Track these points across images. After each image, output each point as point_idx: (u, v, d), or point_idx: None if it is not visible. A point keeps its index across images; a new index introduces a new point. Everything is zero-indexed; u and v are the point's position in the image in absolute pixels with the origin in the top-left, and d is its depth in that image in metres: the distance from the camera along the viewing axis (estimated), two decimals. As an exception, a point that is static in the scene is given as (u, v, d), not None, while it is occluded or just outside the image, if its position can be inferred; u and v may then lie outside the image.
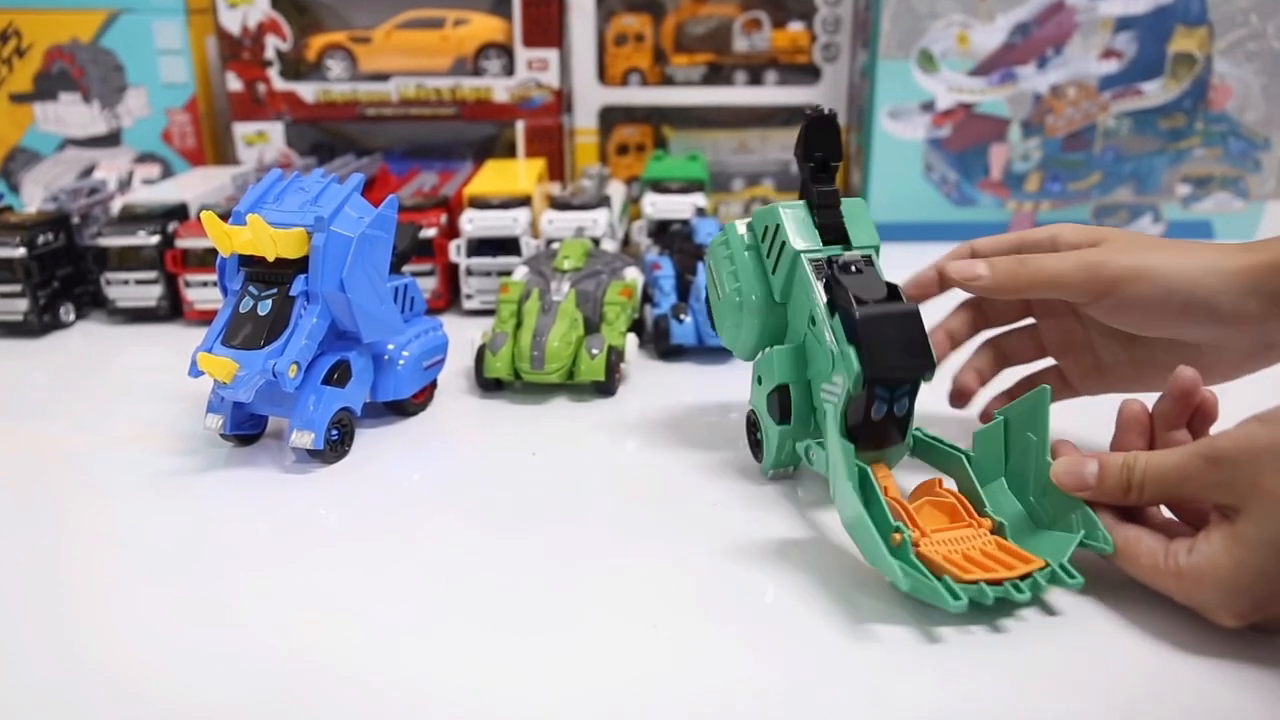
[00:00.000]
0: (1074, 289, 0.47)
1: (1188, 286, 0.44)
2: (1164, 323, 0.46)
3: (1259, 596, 0.36)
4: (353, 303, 0.54)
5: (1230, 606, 0.37)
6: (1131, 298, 0.46)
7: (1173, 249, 0.46)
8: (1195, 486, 0.38)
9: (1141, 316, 0.46)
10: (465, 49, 1.06)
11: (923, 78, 1.00)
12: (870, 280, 0.47)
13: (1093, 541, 0.41)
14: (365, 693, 0.37)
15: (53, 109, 1.06)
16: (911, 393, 0.47)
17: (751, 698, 0.37)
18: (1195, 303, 0.44)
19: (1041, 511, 0.44)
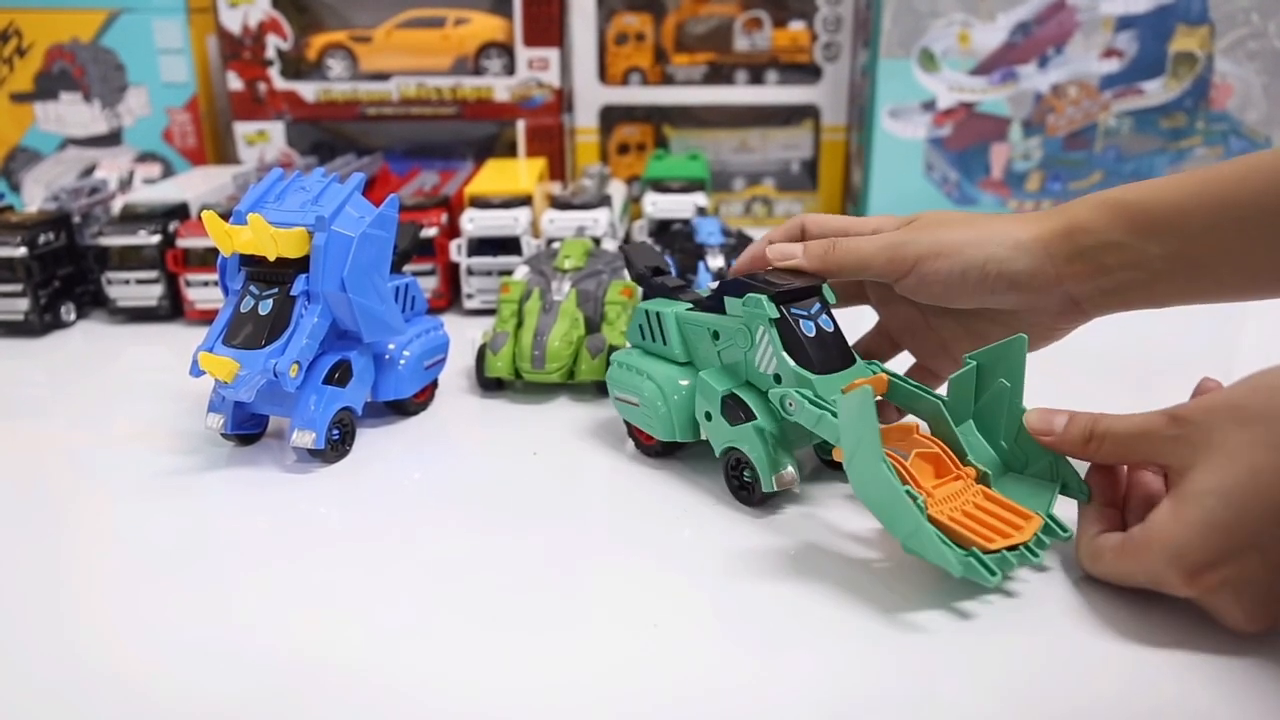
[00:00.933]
0: (879, 269, 0.50)
1: (981, 259, 0.47)
2: (966, 295, 0.49)
3: (1209, 550, 0.36)
4: (354, 302, 0.54)
5: (1178, 565, 0.37)
6: (931, 274, 0.48)
7: (970, 224, 0.49)
8: (1154, 443, 0.40)
9: (944, 290, 0.49)
10: (466, 48, 1.06)
11: (924, 77, 1.00)
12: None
13: (1070, 490, 0.44)
14: (365, 691, 0.37)
15: (53, 108, 1.06)
16: (825, 310, 0.50)
17: (752, 696, 0.37)
18: (990, 273, 0.47)
19: (1013, 457, 0.46)
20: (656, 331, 0.54)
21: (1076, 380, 0.55)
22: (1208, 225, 0.43)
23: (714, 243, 0.77)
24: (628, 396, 0.54)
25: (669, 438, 0.53)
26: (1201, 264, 0.45)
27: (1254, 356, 0.74)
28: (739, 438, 0.49)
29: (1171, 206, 0.44)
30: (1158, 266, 0.45)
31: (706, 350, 0.52)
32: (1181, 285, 0.46)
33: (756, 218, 1.17)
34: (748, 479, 0.49)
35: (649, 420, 0.53)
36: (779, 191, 1.16)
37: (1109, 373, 0.69)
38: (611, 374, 0.56)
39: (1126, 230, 0.45)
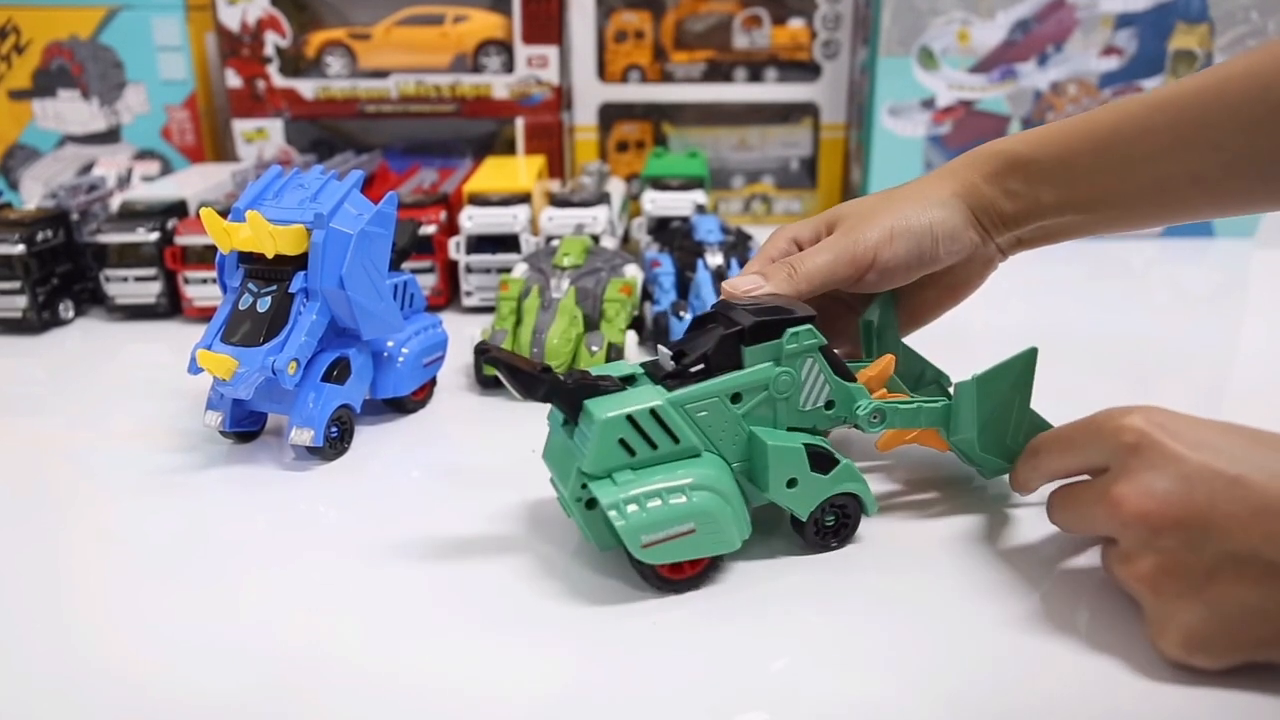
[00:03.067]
0: (843, 275, 0.50)
1: (926, 225, 0.49)
2: (923, 266, 0.50)
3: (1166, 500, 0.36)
4: (352, 300, 0.54)
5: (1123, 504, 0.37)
6: (891, 259, 0.49)
7: (893, 200, 0.50)
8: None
9: (904, 270, 0.50)
10: (465, 46, 1.06)
11: (923, 75, 1.00)
12: (695, 350, 0.45)
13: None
14: (363, 689, 0.37)
15: (52, 105, 1.06)
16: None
17: (751, 695, 0.37)
18: (939, 235, 0.49)
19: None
20: (655, 435, 0.42)
21: (1076, 381, 0.55)
22: (1087, 169, 0.47)
23: (713, 240, 0.77)
24: (672, 532, 0.41)
25: (741, 542, 0.43)
26: (1088, 206, 0.48)
27: (1254, 356, 0.74)
28: (842, 480, 0.44)
29: (1054, 156, 0.48)
30: (1052, 213, 0.49)
31: (724, 421, 0.43)
32: (1076, 227, 0.50)
33: (755, 215, 1.17)
34: (830, 524, 0.45)
35: (712, 540, 0.42)
36: (778, 189, 1.16)
37: (1109, 373, 0.69)
38: (627, 522, 0.40)
39: (1018, 180, 0.49)
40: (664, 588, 0.43)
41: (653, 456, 0.42)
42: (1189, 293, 0.90)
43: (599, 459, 0.42)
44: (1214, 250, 1.00)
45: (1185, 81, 0.46)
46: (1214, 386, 0.68)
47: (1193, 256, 0.98)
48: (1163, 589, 0.36)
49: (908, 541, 0.47)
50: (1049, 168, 0.48)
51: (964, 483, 0.52)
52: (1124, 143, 0.46)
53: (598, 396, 0.43)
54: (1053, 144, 0.48)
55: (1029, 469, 0.44)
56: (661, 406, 0.42)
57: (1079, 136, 0.47)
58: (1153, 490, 0.35)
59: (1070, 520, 0.42)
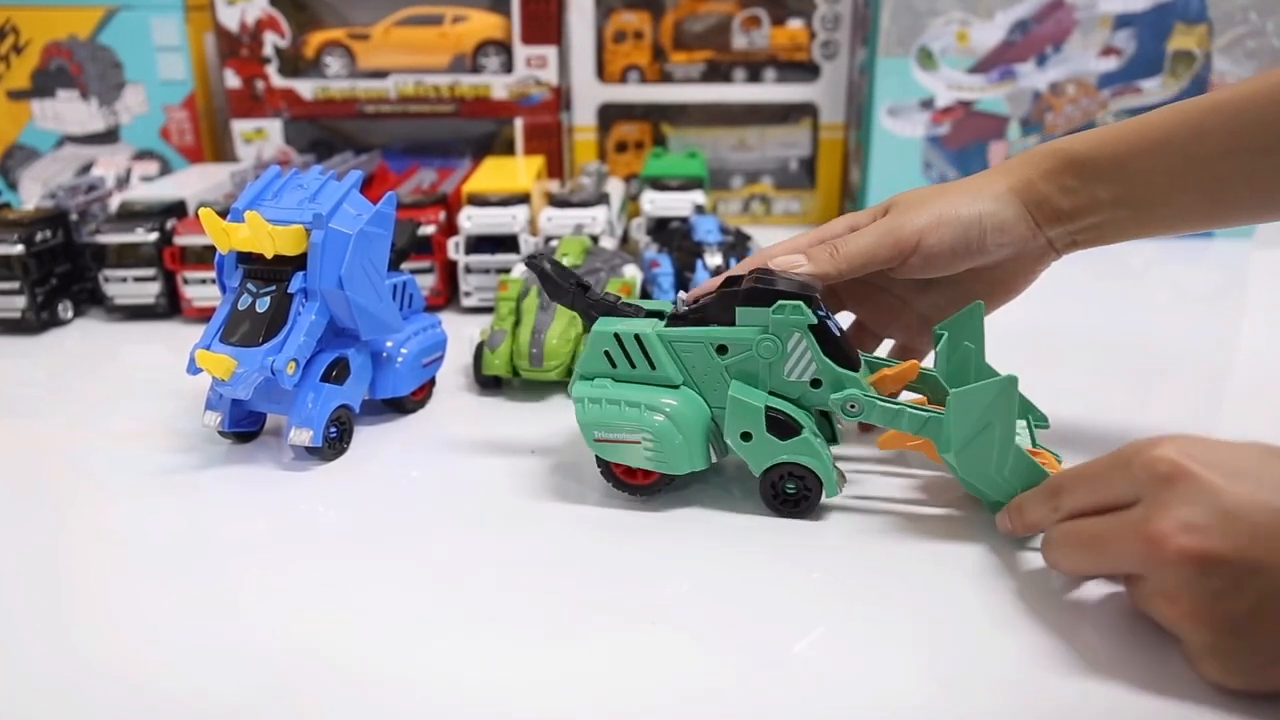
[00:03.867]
0: (884, 257, 0.50)
1: (976, 216, 0.49)
2: (969, 257, 0.50)
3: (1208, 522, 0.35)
4: (351, 300, 0.54)
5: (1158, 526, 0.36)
6: (936, 245, 0.50)
7: (947, 191, 0.51)
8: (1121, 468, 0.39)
9: (949, 259, 0.50)
10: (464, 46, 1.06)
11: (922, 75, 1.00)
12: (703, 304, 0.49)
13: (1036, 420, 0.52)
14: (362, 689, 0.37)
15: (51, 106, 1.06)
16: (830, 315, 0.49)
17: (752, 695, 0.37)
18: (988, 227, 0.49)
19: None
20: (636, 356, 0.49)
21: (1076, 380, 0.55)
22: (1144, 169, 0.48)
23: (712, 241, 0.77)
24: (621, 436, 0.48)
25: (688, 470, 0.48)
26: (1143, 204, 0.49)
27: (1253, 356, 0.74)
28: (795, 451, 0.47)
29: (1110, 155, 0.48)
30: (1107, 210, 0.49)
31: (707, 367, 0.48)
32: (1130, 225, 0.50)
33: (755, 216, 1.17)
34: (791, 491, 0.48)
35: (659, 458, 0.48)
36: (777, 190, 1.16)
37: (1108, 373, 0.69)
38: (587, 414, 0.48)
39: (1075, 177, 0.49)
40: (621, 488, 0.50)
41: (632, 375, 0.49)
42: (1188, 293, 0.90)
43: (587, 362, 0.50)
44: (1213, 251, 1.00)
45: (1240, 85, 0.47)
46: (1213, 386, 0.68)
47: (1192, 257, 0.98)
48: (1208, 625, 0.35)
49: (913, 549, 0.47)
50: (1105, 166, 0.48)
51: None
52: (1179, 144, 0.47)
53: (611, 316, 0.50)
54: (1109, 143, 0.49)
55: (1046, 509, 0.42)
56: (647, 335, 0.48)
57: (1136, 137, 0.48)
58: (1193, 526, 0.34)
59: (1083, 560, 0.40)
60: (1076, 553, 0.40)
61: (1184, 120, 0.47)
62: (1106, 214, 0.49)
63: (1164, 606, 0.36)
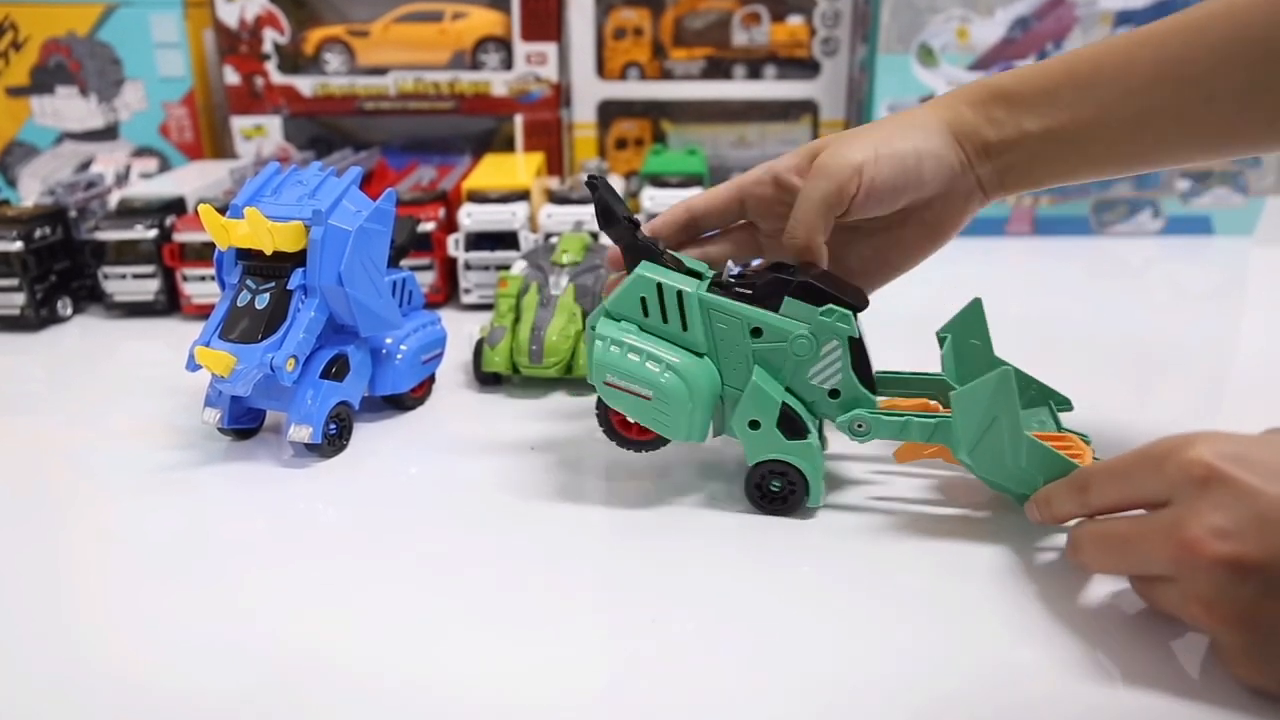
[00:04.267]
0: (835, 203, 0.48)
1: (911, 148, 0.48)
2: (907, 190, 0.49)
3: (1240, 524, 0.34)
4: (351, 297, 0.54)
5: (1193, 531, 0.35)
6: (877, 179, 0.48)
7: (879, 126, 0.50)
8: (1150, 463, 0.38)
9: (890, 193, 0.49)
10: (463, 42, 1.06)
11: (922, 72, 1.00)
12: (753, 277, 0.49)
13: (1059, 404, 0.51)
14: (362, 686, 0.37)
15: (50, 102, 1.06)
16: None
17: (751, 694, 0.37)
18: (924, 157, 0.48)
19: None
20: (672, 311, 0.47)
21: (1076, 379, 0.54)
22: (1071, 100, 0.47)
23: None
24: (631, 386, 0.47)
25: (684, 439, 0.48)
26: (1071, 138, 0.48)
27: (1253, 354, 0.74)
28: (794, 453, 0.47)
29: (1038, 87, 0.48)
30: (1034, 143, 0.48)
31: (736, 344, 0.47)
32: (1058, 161, 0.49)
33: (755, 213, 1.16)
34: (775, 489, 0.48)
35: (660, 419, 0.47)
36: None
37: (1108, 371, 0.69)
38: (603, 355, 0.47)
39: (1003, 108, 0.49)
40: (611, 437, 0.50)
41: (660, 329, 0.48)
42: (1188, 290, 0.90)
43: (620, 302, 0.48)
44: (1213, 248, 1.00)
45: (1168, 19, 0.46)
46: (1213, 384, 0.68)
47: (1192, 254, 0.98)
48: (1243, 629, 0.34)
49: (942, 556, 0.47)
50: (1032, 97, 0.48)
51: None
52: (1106, 76, 0.46)
53: (654, 262, 0.48)
54: (1037, 76, 0.48)
55: (1074, 504, 0.42)
56: (690, 295, 0.47)
57: (1063, 69, 0.48)
58: (1227, 532, 0.33)
59: (1111, 561, 0.40)
60: (1105, 554, 0.40)
61: (1112, 52, 0.47)
62: (1034, 147, 0.48)
63: (1198, 611, 0.35)
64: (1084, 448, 0.48)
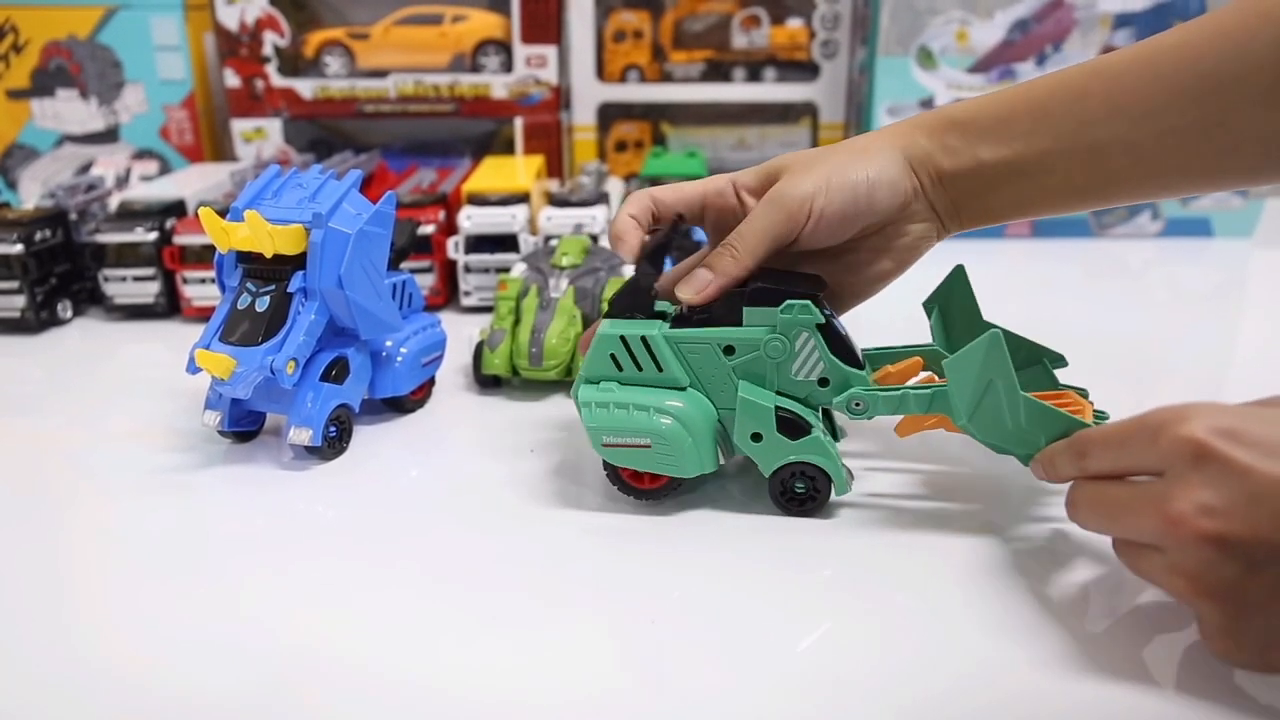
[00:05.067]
0: (782, 234, 0.48)
1: (863, 175, 0.48)
2: (859, 219, 0.49)
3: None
4: (351, 299, 0.54)
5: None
6: (827, 209, 0.48)
7: (833, 152, 0.50)
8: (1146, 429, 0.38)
9: (840, 223, 0.49)
10: (463, 45, 1.06)
11: (921, 74, 1.00)
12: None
13: (1053, 361, 0.51)
14: (361, 687, 0.37)
15: (50, 105, 1.06)
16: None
17: (750, 694, 0.37)
18: (876, 184, 0.48)
19: None
20: (643, 357, 0.48)
21: (1075, 382, 0.54)
22: (1025, 131, 0.47)
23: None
24: (630, 440, 0.48)
25: (697, 472, 0.48)
26: (1026, 170, 0.47)
27: (1252, 356, 0.74)
28: (806, 450, 0.47)
29: (992, 116, 0.48)
30: (989, 174, 0.48)
31: (714, 368, 0.48)
32: (1013, 196, 0.49)
33: (754, 215, 1.16)
34: (800, 490, 0.48)
35: (667, 460, 0.47)
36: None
37: (1108, 373, 0.69)
38: (595, 419, 0.48)
39: (959, 137, 0.48)
40: (627, 493, 0.50)
41: (638, 378, 0.48)
42: (1188, 292, 0.90)
43: (592, 365, 0.49)
44: (1212, 250, 1.00)
45: (1122, 51, 0.46)
46: (1213, 386, 0.68)
47: (1191, 256, 0.98)
48: (1224, 604, 0.35)
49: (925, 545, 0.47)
50: (987, 126, 0.48)
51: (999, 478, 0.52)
52: (1060, 107, 0.46)
53: (617, 318, 0.49)
54: (993, 106, 0.48)
55: (1073, 468, 0.42)
56: (654, 336, 0.48)
57: (1018, 100, 0.48)
58: (1215, 510, 0.33)
59: (1102, 523, 0.40)
60: (1097, 516, 0.40)
61: (1067, 85, 0.47)
62: (989, 177, 0.48)
63: (1181, 583, 0.36)
64: (1083, 403, 0.48)
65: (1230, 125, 0.43)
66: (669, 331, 0.48)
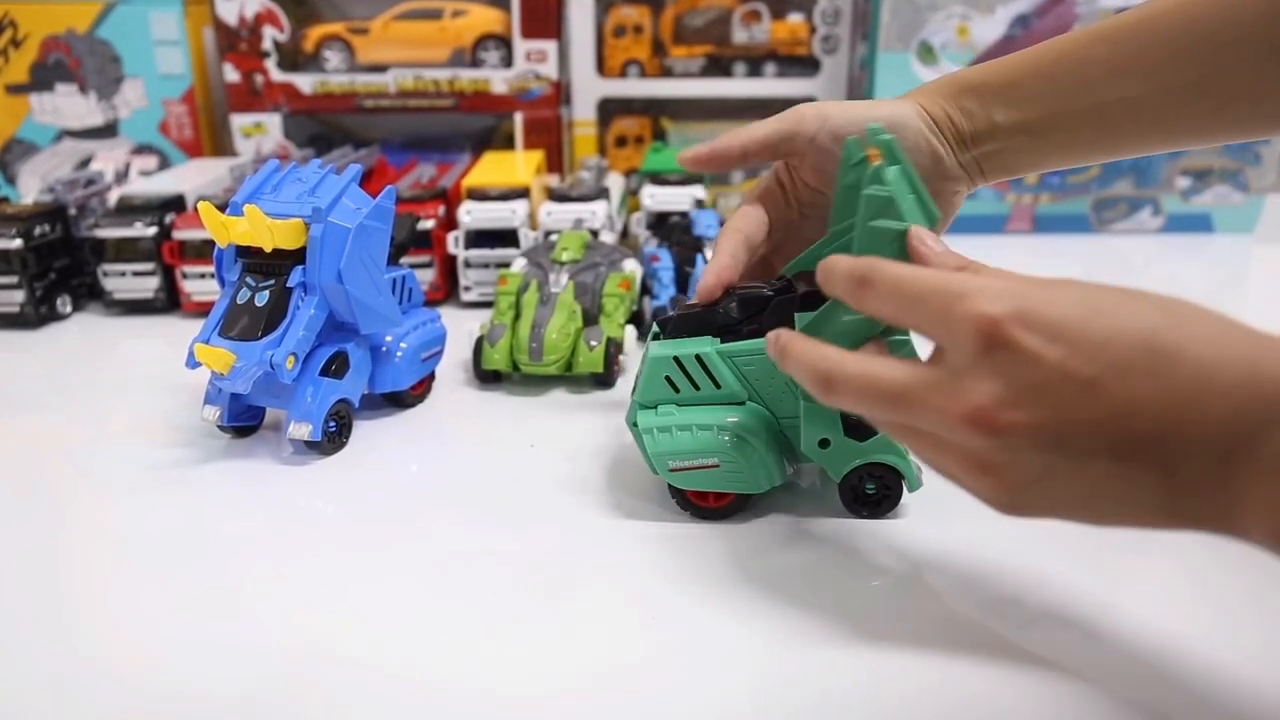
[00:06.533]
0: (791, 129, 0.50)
1: (885, 114, 0.49)
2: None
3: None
4: (350, 294, 0.54)
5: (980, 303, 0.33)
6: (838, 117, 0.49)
7: (849, 103, 0.51)
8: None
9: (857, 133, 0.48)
10: (463, 40, 1.06)
11: (922, 70, 1.00)
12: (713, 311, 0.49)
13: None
14: (362, 682, 0.37)
15: (49, 100, 1.06)
16: None
17: (750, 689, 0.37)
18: (901, 130, 0.48)
19: None
20: (699, 375, 0.47)
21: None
22: (1035, 93, 0.49)
23: (712, 235, 0.77)
24: (697, 462, 0.46)
25: (767, 487, 0.47)
26: (1037, 129, 0.49)
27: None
28: (877, 450, 0.46)
29: (1003, 80, 0.50)
30: (1004, 136, 0.50)
31: (771, 378, 0.47)
32: (1028, 152, 0.50)
33: (755, 211, 1.16)
34: (871, 492, 0.48)
35: (737, 478, 0.47)
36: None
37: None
38: (658, 444, 0.47)
39: (973, 100, 0.50)
40: (694, 513, 0.49)
41: (695, 397, 0.48)
42: (1189, 288, 0.89)
43: (647, 390, 0.48)
44: (1213, 246, 1.00)
45: (1124, 15, 0.48)
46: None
47: (1192, 252, 0.98)
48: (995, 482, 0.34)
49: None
50: (998, 89, 0.50)
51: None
52: (1066, 69, 0.48)
53: (663, 339, 0.49)
54: (1003, 70, 0.50)
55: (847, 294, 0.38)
56: (708, 353, 0.47)
57: (1027, 64, 0.50)
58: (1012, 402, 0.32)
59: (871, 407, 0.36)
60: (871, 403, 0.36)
61: (1074, 46, 0.49)
62: (1004, 140, 0.50)
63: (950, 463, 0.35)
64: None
65: (1225, 83, 0.46)
66: (722, 346, 0.47)
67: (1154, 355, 0.31)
